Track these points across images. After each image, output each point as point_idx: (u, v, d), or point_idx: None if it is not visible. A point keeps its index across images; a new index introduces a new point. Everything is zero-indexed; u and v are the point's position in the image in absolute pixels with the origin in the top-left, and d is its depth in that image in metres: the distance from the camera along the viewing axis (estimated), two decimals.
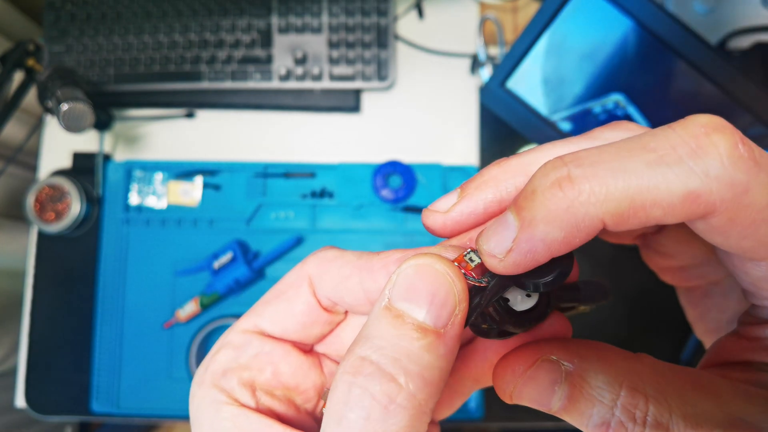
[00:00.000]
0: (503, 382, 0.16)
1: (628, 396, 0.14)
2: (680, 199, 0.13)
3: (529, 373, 0.15)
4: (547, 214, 0.13)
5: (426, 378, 0.14)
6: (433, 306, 0.14)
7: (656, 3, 0.48)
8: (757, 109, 0.48)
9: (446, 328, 0.14)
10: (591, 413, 0.14)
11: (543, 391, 0.15)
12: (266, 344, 0.18)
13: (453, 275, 0.15)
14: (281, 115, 0.71)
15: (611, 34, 0.51)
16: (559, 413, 0.15)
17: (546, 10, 0.52)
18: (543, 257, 0.14)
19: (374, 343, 0.14)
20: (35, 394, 0.66)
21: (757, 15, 0.65)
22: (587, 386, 0.15)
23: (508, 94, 0.57)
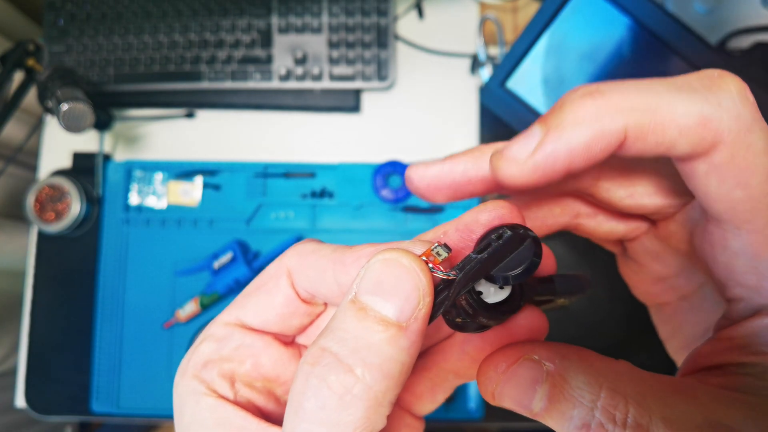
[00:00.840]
0: (486, 380, 0.16)
1: (608, 397, 0.14)
2: (695, 121, 0.14)
3: (511, 370, 0.16)
4: (575, 117, 0.14)
5: (384, 371, 0.14)
6: (396, 300, 0.14)
7: (656, 3, 0.48)
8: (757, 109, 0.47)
9: (409, 321, 0.14)
10: (571, 415, 0.14)
11: (524, 390, 0.15)
12: (247, 337, 0.19)
13: (418, 270, 0.15)
14: (281, 115, 0.71)
15: (611, 34, 0.51)
16: (540, 415, 0.15)
17: (546, 10, 0.52)
18: (562, 165, 0.14)
19: (336, 334, 0.14)
20: (35, 394, 0.66)
21: (757, 15, 0.65)
22: (568, 386, 0.15)
23: (508, 94, 0.57)
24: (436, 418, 0.63)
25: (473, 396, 0.63)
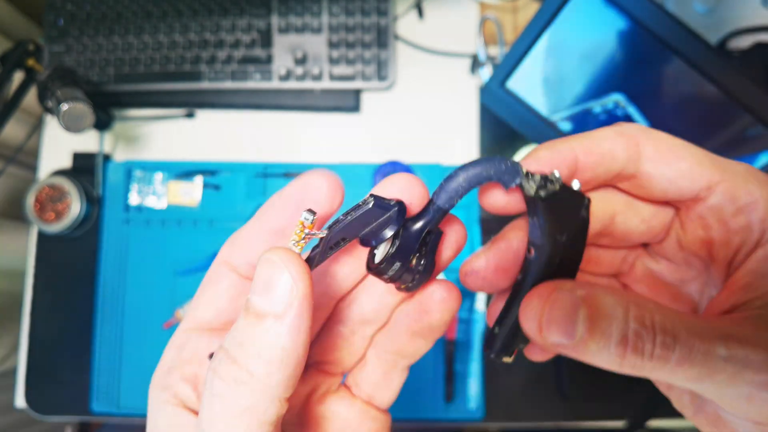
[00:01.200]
0: (531, 311, 0.18)
1: (636, 309, 0.16)
2: (613, 133, 0.19)
3: (551, 298, 0.17)
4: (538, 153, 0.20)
5: (265, 357, 0.15)
6: (270, 293, 0.16)
7: (656, 3, 0.48)
8: (757, 109, 0.48)
9: (285, 310, 0.15)
10: (611, 331, 0.16)
11: (567, 315, 0.17)
12: (203, 338, 0.20)
13: (287, 262, 0.16)
14: (281, 115, 0.71)
15: (611, 34, 0.51)
16: (583, 341, 0.16)
17: (546, 10, 0.52)
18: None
19: (231, 334, 0.16)
20: (35, 394, 0.66)
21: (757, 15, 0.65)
22: (602, 305, 0.16)
23: (508, 94, 0.57)
24: (436, 418, 0.63)
25: (473, 396, 0.63)
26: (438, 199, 0.18)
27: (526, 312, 0.18)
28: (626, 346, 0.16)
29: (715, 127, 0.51)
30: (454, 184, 0.18)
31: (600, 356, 0.16)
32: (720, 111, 0.49)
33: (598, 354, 0.16)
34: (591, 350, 0.16)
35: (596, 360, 0.17)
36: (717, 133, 0.51)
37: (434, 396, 0.63)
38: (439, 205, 0.18)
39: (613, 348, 0.16)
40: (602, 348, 0.16)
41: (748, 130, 0.49)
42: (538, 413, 0.64)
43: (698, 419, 0.21)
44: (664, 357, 0.16)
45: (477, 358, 0.64)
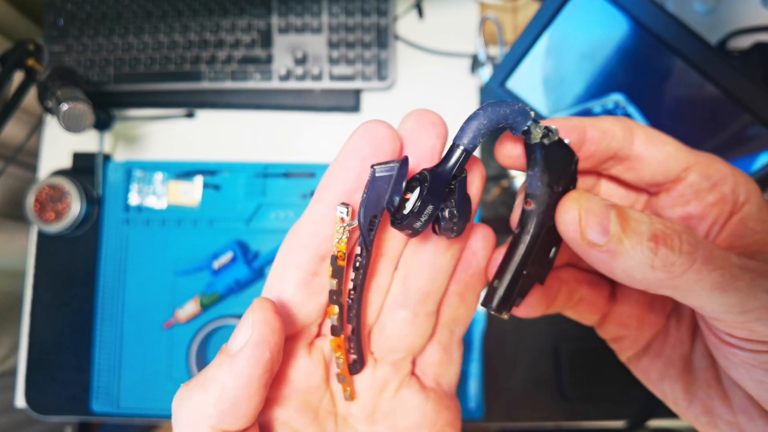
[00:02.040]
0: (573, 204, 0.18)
1: (655, 217, 0.18)
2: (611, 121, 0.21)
3: (584, 198, 0.18)
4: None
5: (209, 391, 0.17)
6: (234, 336, 0.18)
7: (656, 3, 0.48)
8: (757, 109, 0.48)
9: (238, 350, 0.17)
10: (641, 229, 0.17)
11: (602, 211, 0.18)
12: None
13: (256, 311, 0.18)
14: (281, 115, 0.71)
15: (611, 34, 0.51)
16: (618, 238, 0.17)
17: (546, 10, 0.52)
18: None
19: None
20: (35, 394, 0.66)
21: (757, 15, 0.65)
22: (629, 210, 0.18)
23: (508, 94, 0.57)
24: None
25: (473, 396, 0.63)
26: (462, 141, 0.18)
27: (563, 215, 0.19)
28: (658, 241, 0.17)
29: (715, 127, 0.51)
30: (476, 123, 0.18)
31: (634, 254, 0.17)
32: (720, 111, 0.49)
33: (632, 251, 0.17)
34: (625, 247, 0.17)
35: (629, 261, 0.17)
36: (717, 133, 0.51)
37: None
38: (466, 146, 0.18)
39: (646, 242, 0.17)
40: (635, 244, 0.17)
41: (748, 130, 0.49)
42: (538, 413, 0.64)
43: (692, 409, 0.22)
44: (691, 254, 0.17)
45: (477, 358, 0.64)
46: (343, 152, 0.18)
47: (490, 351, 0.64)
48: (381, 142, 0.18)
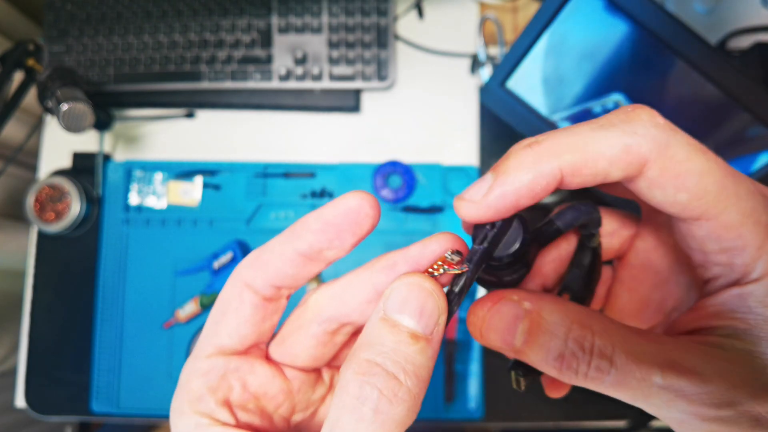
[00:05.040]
0: (474, 318, 0.19)
1: (577, 330, 0.17)
2: (619, 150, 0.17)
3: (495, 307, 0.18)
4: (518, 164, 0.17)
5: (419, 375, 0.17)
6: (422, 317, 0.17)
7: (656, 3, 0.48)
8: (757, 109, 0.48)
9: (433, 334, 0.17)
10: (549, 346, 0.17)
11: (507, 326, 0.18)
12: (231, 362, 0.20)
13: (438, 292, 0.17)
14: (281, 115, 0.71)
15: (611, 34, 0.51)
16: (522, 351, 0.18)
17: (546, 10, 0.52)
18: (511, 202, 0.17)
19: (377, 348, 0.17)
20: (35, 394, 0.66)
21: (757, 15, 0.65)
22: (544, 322, 0.17)
23: (508, 94, 0.57)
24: (437, 418, 0.63)
25: (473, 396, 0.63)
26: (558, 222, 0.21)
27: (470, 317, 0.19)
28: (562, 363, 0.17)
29: (715, 127, 0.51)
30: (575, 215, 0.21)
31: (539, 364, 0.18)
32: (720, 111, 0.49)
33: (537, 363, 0.18)
34: (530, 359, 0.18)
35: (536, 365, 0.18)
36: (717, 133, 0.51)
37: (434, 396, 0.63)
38: (560, 226, 0.21)
39: (551, 361, 0.17)
40: (540, 359, 0.17)
41: (748, 130, 0.49)
42: (538, 413, 0.64)
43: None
44: (598, 378, 0.17)
45: (477, 358, 0.64)
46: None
47: (490, 351, 0.64)
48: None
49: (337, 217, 0.19)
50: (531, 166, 0.17)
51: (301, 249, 0.19)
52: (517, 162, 0.17)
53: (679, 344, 0.17)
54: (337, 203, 0.19)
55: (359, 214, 0.19)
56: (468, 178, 0.67)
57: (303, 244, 0.19)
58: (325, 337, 0.22)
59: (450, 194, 0.67)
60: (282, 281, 0.20)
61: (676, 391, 0.16)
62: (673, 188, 0.17)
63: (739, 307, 0.18)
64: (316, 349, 0.22)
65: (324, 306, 0.21)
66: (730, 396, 0.16)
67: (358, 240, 0.19)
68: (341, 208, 0.18)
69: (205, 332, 0.20)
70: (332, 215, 0.19)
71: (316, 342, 0.22)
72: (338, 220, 0.19)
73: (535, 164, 0.17)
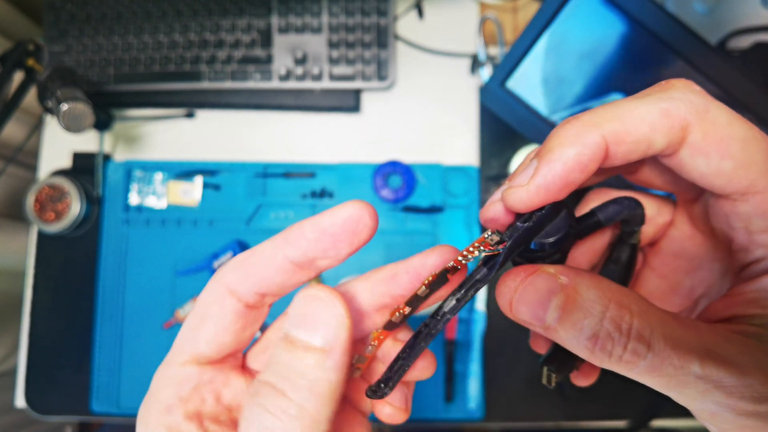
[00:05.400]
0: (505, 288, 0.17)
1: (615, 310, 0.16)
2: (658, 115, 0.16)
3: (528, 279, 0.17)
4: (562, 140, 0.17)
5: (314, 391, 0.16)
6: (318, 329, 0.16)
7: (656, 3, 0.48)
8: (757, 109, 0.48)
9: (331, 345, 0.16)
10: (582, 325, 0.16)
11: (540, 300, 0.16)
12: (205, 373, 0.19)
13: (334, 300, 0.17)
14: (281, 115, 0.71)
15: (611, 34, 0.51)
16: (553, 327, 0.16)
17: (546, 10, 0.52)
18: (560, 178, 0.17)
19: (272, 368, 0.16)
20: (35, 394, 0.66)
21: (757, 15, 0.65)
22: (580, 298, 0.16)
23: (508, 94, 0.57)
24: (436, 418, 0.63)
25: (473, 396, 0.63)
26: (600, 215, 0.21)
27: (500, 287, 0.18)
28: (596, 343, 0.16)
29: None
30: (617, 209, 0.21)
31: (569, 343, 0.16)
32: None
33: (568, 341, 0.16)
34: (560, 336, 0.16)
35: (566, 345, 0.17)
36: None
37: (434, 396, 0.63)
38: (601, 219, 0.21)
39: (583, 341, 0.16)
40: (572, 338, 0.16)
41: None
42: (538, 413, 0.64)
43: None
44: (632, 362, 0.15)
45: (477, 358, 0.64)
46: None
47: (490, 351, 0.64)
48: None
49: (334, 226, 0.18)
50: (575, 139, 0.17)
51: (293, 257, 0.18)
52: (559, 139, 0.17)
53: (717, 332, 0.16)
54: (336, 212, 0.18)
55: (358, 224, 0.18)
56: (468, 178, 0.67)
57: (295, 252, 0.18)
58: None
59: (450, 194, 0.66)
60: (268, 289, 0.19)
61: (714, 382, 0.15)
62: (718, 154, 0.16)
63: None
64: None
65: None
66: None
67: (354, 250, 0.18)
68: (340, 216, 0.18)
69: (181, 337, 0.19)
70: (329, 224, 0.18)
71: None
72: (335, 230, 0.18)
73: (579, 136, 0.17)
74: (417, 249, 0.68)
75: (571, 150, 0.17)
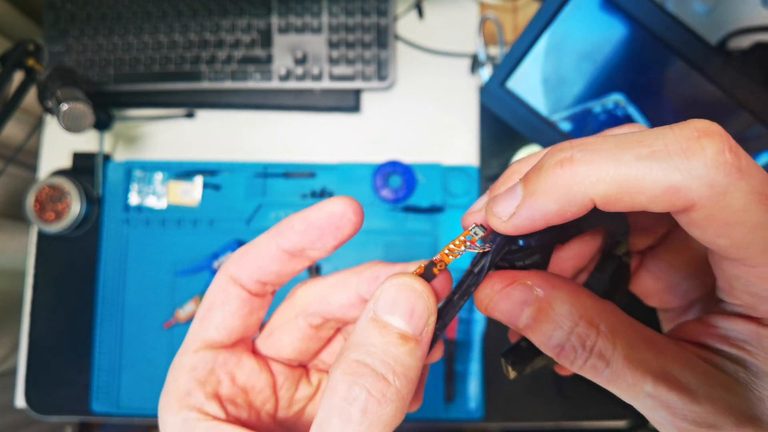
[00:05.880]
0: (482, 295, 0.19)
1: (584, 327, 0.17)
2: (662, 191, 0.14)
3: (506, 290, 0.18)
4: (547, 188, 0.16)
5: (408, 376, 0.17)
6: (412, 318, 0.17)
7: (656, 3, 0.48)
8: (757, 109, 0.48)
9: (422, 335, 0.17)
10: (551, 335, 0.17)
11: (514, 308, 0.18)
12: (219, 356, 0.20)
13: (428, 293, 0.18)
14: (281, 115, 0.71)
15: (611, 34, 0.51)
16: (524, 331, 0.18)
17: (546, 10, 0.52)
18: (539, 224, 0.17)
19: (367, 349, 0.17)
20: (35, 394, 0.66)
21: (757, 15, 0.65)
22: (552, 312, 0.17)
23: (508, 94, 0.57)
24: (436, 418, 0.63)
25: (473, 396, 0.63)
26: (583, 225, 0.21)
27: (478, 294, 0.19)
28: (560, 352, 0.17)
29: None
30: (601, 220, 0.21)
31: (538, 346, 0.18)
32: (720, 111, 0.49)
33: (536, 344, 0.18)
34: (531, 338, 0.18)
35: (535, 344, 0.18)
36: None
37: (434, 396, 0.63)
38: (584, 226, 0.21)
39: (550, 347, 0.17)
40: (539, 343, 0.18)
41: (748, 130, 0.49)
42: (538, 413, 0.64)
43: None
44: (590, 373, 0.17)
45: (477, 358, 0.64)
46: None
47: (490, 351, 0.64)
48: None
49: (320, 220, 0.19)
50: (561, 193, 0.16)
51: (285, 247, 0.20)
52: (546, 185, 0.16)
53: (683, 357, 0.17)
54: (322, 206, 0.19)
55: (342, 219, 0.19)
56: (468, 178, 0.67)
57: (287, 243, 0.20)
58: (310, 331, 0.22)
59: (450, 194, 0.66)
60: (267, 277, 0.20)
61: (663, 402, 0.16)
62: (715, 234, 0.15)
63: (752, 341, 0.17)
64: (302, 343, 0.22)
65: (310, 301, 0.22)
66: (714, 419, 0.16)
67: (339, 243, 0.20)
68: (325, 211, 0.19)
69: (192, 328, 0.21)
70: (316, 217, 0.19)
71: (302, 335, 0.22)
72: (321, 223, 0.19)
73: (567, 191, 0.16)
74: (417, 249, 0.68)
75: (554, 204, 0.16)
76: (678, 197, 0.14)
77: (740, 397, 0.16)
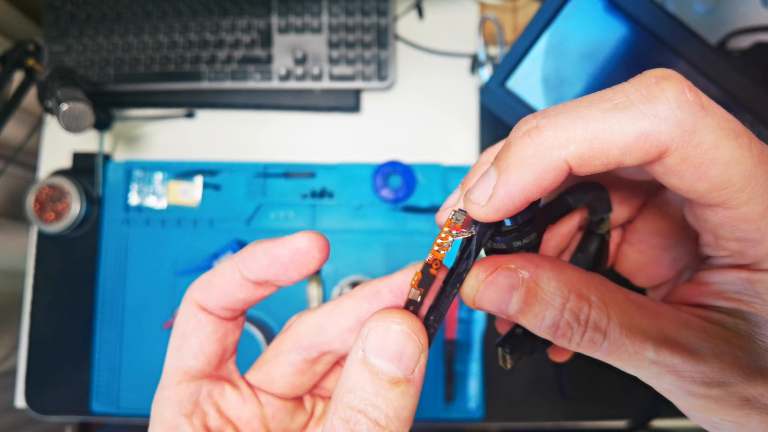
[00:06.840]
0: (468, 288, 0.18)
1: (575, 301, 0.17)
2: (634, 139, 0.15)
3: (490, 278, 0.18)
4: (518, 159, 0.16)
5: (401, 417, 0.17)
6: (402, 361, 0.17)
7: (656, 3, 0.48)
8: (757, 109, 0.48)
9: (414, 373, 0.17)
10: (543, 315, 0.17)
11: (502, 295, 0.17)
12: (202, 387, 0.20)
13: (416, 331, 0.17)
14: (281, 115, 0.71)
15: (611, 34, 0.51)
16: (516, 317, 0.17)
17: (546, 10, 0.52)
18: (519, 201, 0.16)
19: (358, 394, 0.17)
20: (35, 394, 0.66)
21: (757, 15, 0.65)
22: (541, 291, 0.17)
23: (508, 94, 0.57)
24: (436, 418, 0.63)
25: (473, 396, 0.63)
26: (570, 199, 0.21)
27: (464, 289, 0.18)
28: (556, 331, 0.17)
29: None
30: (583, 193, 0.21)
31: (532, 330, 0.17)
32: None
33: (530, 328, 0.17)
34: (524, 324, 0.17)
35: (530, 329, 0.17)
36: None
37: (434, 396, 0.63)
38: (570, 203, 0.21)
39: (545, 329, 0.17)
40: (533, 326, 0.17)
41: None
42: (538, 413, 0.64)
43: None
44: (590, 348, 0.17)
45: (477, 358, 0.64)
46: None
47: (490, 351, 0.64)
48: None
49: (283, 256, 0.19)
50: (534, 162, 0.15)
51: (249, 278, 0.20)
52: (518, 157, 0.16)
53: (679, 318, 0.17)
54: (286, 242, 0.19)
55: (306, 256, 0.19)
56: None
57: (250, 274, 0.19)
58: (304, 366, 0.22)
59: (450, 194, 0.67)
60: (233, 304, 0.20)
61: (668, 367, 0.16)
62: (692, 177, 0.15)
63: (746, 290, 0.17)
64: (294, 377, 0.22)
65: (305, 334, 0.21)
66: (722, 376, 0.16)
67: (303, 276, 0.20)
68: (288, 248, 0.19)
69: (168, 360, 0.21)
70: (280, 254, 0.19)
71: (295, 370, 0.22)
72: (285, 259, 0.19)
73: (538, 158, 0.15)
74: (417, 249, 0.68)
75: (528, 175, 0.16)
76: (650, 143, 0.15)
77: (745, 350, 0.16)
